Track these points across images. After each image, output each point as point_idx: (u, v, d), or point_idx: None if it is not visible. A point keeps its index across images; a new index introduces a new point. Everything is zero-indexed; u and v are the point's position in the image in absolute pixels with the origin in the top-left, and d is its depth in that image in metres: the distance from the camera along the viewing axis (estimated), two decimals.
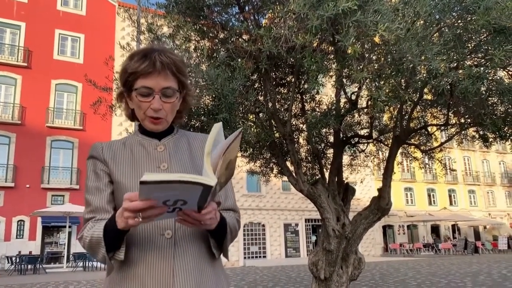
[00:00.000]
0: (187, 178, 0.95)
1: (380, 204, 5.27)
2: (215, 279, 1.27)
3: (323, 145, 6.63)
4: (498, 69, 4.04)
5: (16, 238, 23.09)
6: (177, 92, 1.30)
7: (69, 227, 22.10)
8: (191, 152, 1.36)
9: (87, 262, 20.29)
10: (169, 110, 1.30)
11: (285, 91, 5.93)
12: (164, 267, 1.19)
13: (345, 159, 6.84)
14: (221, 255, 1.33)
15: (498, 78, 4.22)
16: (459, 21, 4.03)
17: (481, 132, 5.15)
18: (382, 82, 4.14)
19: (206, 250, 1.27)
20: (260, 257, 29.30)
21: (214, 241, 1.26)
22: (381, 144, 6.83)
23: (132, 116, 1.38)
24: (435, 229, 37.52)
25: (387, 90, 3.92)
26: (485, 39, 4.00)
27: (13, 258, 19.16)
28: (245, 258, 27.68)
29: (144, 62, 1.24)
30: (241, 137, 1.16)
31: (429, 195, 38.43)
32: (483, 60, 4.26)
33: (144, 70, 1.24)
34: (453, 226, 37.28)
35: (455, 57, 3.94)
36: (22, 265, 18.52)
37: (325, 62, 4.12)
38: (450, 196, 39.62)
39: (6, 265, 20.66)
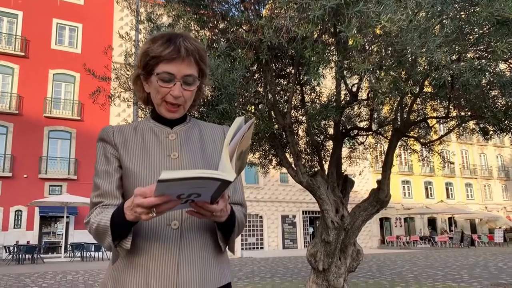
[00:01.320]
0: (206, 174, 0.94)
1: (379, 196, 5.27)
2: (219, 271, 1.26)
3: (322, 137, 6.62)
4: (500, 61, 4.02)
5: (14, 228, 23.12)
6: (198, 80, 1.29)
7: (67, 217, 22.13)
8: (202, 142, 1.35)
9: (84, 252, 20.34)
10: (188, 98, 1.29)
11: (285, 82, 5.90)
12: (169, 258, 1.18)
13: (344, 151, 6.83)
14: (227, 249, 1.32)
15: (500, 70, 4.21)
16: (461, 13, 4.00)
17: (481, 125, 5.14)
18: (383, 74, 4.12)
19: (212, 243, 1.26)
20: (257, 248, 29.44)
21: (221, 234, 1.25)
22: (380, 136, 6.82)
23: (146, 100, 1.37)
24: (431, 222, 37.73)
25: (387, 82, 3.90)
26: (487, 31, 3.98)
27: (11, 248, 19.19)
28: (242, 249, 27.82)
29: (169, 47, 1.22)
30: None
31: (426, 188, 38.60)
32: (485, 52, 4.24)
33: (168, 55, 1.22)
34: (449, 219, 37.50)
35: (457, 49, 3.91)
36: (20, 255, 18.55)
37: (326, 53, 4.09)
38: (447, 189, 39.81)
39: (4, 255, 20.70)
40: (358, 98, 5.46)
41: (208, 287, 1.21)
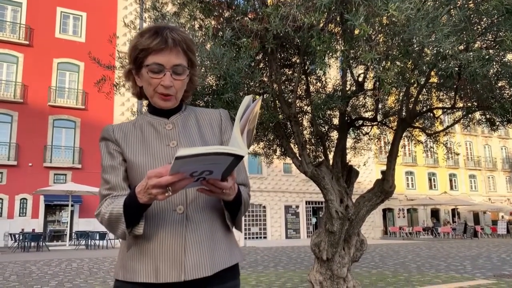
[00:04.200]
0: (221, 150, 0.99)
1: (384, 187, 5.25)
2: (229, 251, 1.30)
3: (327, 127, 6.59)
4: (508, 52, 3.97)
5: (19, 216, 23.33)
6: (187, 69, 1.32)
7: (72, 205, 22.28)
8: (199, 128, 1.39)
9: (89, 241, 20.52)
10: (179, 87, 1.32)
11: (290, 72, 5.86)
12: (176, 242, 1.21)
13: (348, 141, 6.81)
14: (234, 228, 1.38)
15: (508, 61, 4.16)
16: (469, 2, 3.95)
17: (487, 116, 5.11)
18: (389, 64, 4.09)
19: (218, 224, 1.30)
20: (260, 238, 29.58)
21: (228, 213, 1.30)
22: (385, 127, 6.78)
23: (140, 94, 1.40)
24: (435, 213, 37.77)
25: (394, 72, 3.87)
26: (496, 20, 3.93)
27: (17, 236, 19.37)
28: (245, 238, 27.97)
29: (156, 38, 1.25)
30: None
31: (430, 179, 38.57)
32: (493, 42, 4.19)
33: (156, 46, 1.25)
34: (453, 210, 37.51)
35: (464, 39, 3.87)
36: (26, 243, 18.73)
37: (333, 43, 4.06)
38: (450, 180, 39.76)
39: (10, 242, 20.90)
40: (364, 88, 5.43)
41: (218, 267, 1.24)
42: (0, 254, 16.62)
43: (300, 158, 5.28)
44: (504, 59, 4.17)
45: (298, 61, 5.33)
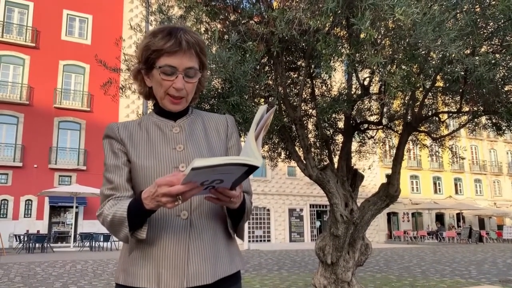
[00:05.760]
0: (236, 160, 0.98)
1: (389, 191, 5.24)
2: (229, 259, 1.29)
3: (332, 130, 6.58)
4: None
5: (24, 217, 23.42)
6: (199, 72, 1.30)
7: (76, 207, 22.35)
8: (206, 133, 1.37)
9: (93, 242, 20.56)
10: (190, 90, 1.31)
11: (296, 75, 5.87)
12: (179, 248, 1.20)
13: (353, 145, 6.80)
14: (236, 236, 1.36)
15: None
16: (476, 6, 3.94)
17: (493, 120, 5.08)
18: (395, 67, 4.08)
19: (221, 231, 1.29)
20: (264, 241, 29.54)
21: (230, 221, 1.28)
22: (391, 130, 6.76)
23: (148, 95, 1.38)
24: (439, 217, 37.58)
25: (399, 76, 3.86)
26: (502, 25, 3.92)
27: (21, 237, 19.44)
28: (249, 241, 27.96)
29: (170, 40, 1.23)
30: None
31: (435, 183, 38.41)
32: (499, 46, 4.18)
33: (170, 48, 1.23)
34: (458, 214, 37.31)
35: (471, 43, 3.86)
36: (30, 244, 18.79)
37: (338, 46, 4.06)
38: (456, 184, 39.58)
39: (15, 243, 20.98)
40: (369, 91, 5.42)
41: (219, 275, 1.23)
42: (5, 255, 16.69)
43: (305, 162, 5.27)
44: (510, 64, 4.15)
45: (303, 64, 5.33)
